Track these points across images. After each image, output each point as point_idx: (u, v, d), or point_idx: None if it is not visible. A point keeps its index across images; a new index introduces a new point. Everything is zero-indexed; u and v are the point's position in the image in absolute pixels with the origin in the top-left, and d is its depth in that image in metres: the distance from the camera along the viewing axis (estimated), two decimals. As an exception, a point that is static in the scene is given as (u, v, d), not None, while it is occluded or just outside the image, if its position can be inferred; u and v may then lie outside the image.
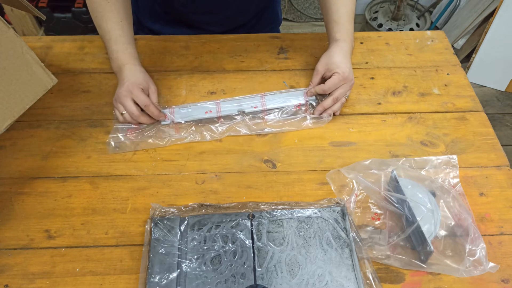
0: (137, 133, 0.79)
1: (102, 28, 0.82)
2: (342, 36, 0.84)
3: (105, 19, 0.81)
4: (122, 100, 0.77)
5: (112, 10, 0.81)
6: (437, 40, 0.99)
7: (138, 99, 0.77)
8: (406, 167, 0.75)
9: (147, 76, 0.82)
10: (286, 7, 2.43)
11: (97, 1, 0.81)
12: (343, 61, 0.81)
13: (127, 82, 0.78)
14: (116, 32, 0.81)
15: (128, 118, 0.78)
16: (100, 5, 0.81)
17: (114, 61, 0.82)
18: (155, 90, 0.81)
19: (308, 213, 0.68)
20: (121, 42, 0.82)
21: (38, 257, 0.65)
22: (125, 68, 0.80)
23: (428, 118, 0.84)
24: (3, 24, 0.62)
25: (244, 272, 0.61)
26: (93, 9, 0.82)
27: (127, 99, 0.77)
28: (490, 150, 0.78)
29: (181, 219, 0.67)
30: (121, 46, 0.82)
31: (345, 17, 0.84)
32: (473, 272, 0.62)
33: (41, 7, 1.99)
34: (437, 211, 0.66)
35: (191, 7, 0.97)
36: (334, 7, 0.84)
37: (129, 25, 0.84)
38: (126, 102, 0.77)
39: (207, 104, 0.83)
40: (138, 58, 0.84)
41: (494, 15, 1.91)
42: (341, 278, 0.61)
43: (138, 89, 0.77)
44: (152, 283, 0.60)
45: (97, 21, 0.83)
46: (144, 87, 0.79)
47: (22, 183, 0.73)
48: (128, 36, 0.83)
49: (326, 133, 0.81)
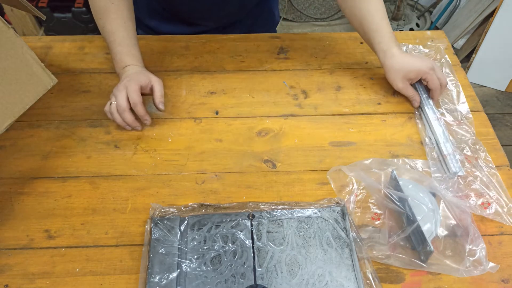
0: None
1: (106, 30, 0.82)
2: (390, 43, 0.82)
3: (109, 21, 0.81)
4: (116, 92, 0.77)
5: (116, 11, 0.81)
6: (437, 40, 0.99)
7: (130, 95, 0.76)
8: (406, 167, 0.75)
9: (150, 75, 0.81)
10: (286, 7, 2.43)
11: (101, 2, 0.81)
12: (410, 60, 0.82)
13: (127, 78, 0.78)
14: (120, 34, 0.81)
15: (113, 110, 0.77)
16: (104, 7, 0.81)
17: (117, 62, 0.82)
18: (160, 89, 0.80)
19: (308, 213, 0.68)
20: (125, 44, 0.82)
21: (38, 257, 0.65)
22: (128, 69, 0.81)
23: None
24: (3, 24, 0.62)
25: (244, 272, 0.61)
26: (96, 10, 0.82)
27: (121, 92, 0.77)
28: (490, 150, 0.78)
29: (181, 219, 0.67)
30: (125, 48, 0.82)
31: (383, 23, 0.83)
32: (473, 272, 0.62)
33: (41, 7, 1.99)
34: (437, 211, 0.66)
35: (191, 3, 0.97)
36: (369, 16, 0.83)
37: (133, 27, 0.84)
38: (119, 94, 0.77)
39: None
40: (141, 59, 0.84)
41: (494, 15, 1.91)
42: (341, 278, 0.61)
43: (134, 86, 0.77)
44: (152, 283, 0.60)
45: (100, 23, 0.83)
46: (144, 84, 0.79)
47: (22, 183, 0.73)
48: (132, 37, 0.83)
49: (326, 133, 0.81)
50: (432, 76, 0.81)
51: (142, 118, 0.79)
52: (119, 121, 0.78)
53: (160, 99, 0.79)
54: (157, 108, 0.80)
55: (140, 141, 0.79)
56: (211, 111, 0.85)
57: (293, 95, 0.88)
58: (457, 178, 0.73)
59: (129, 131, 0.80)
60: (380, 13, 0.83)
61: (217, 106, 0.86)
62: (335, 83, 0.91)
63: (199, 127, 0.82)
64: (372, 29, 0.83)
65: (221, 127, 0.82)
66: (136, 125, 0.79)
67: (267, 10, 1.10)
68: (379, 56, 0.85)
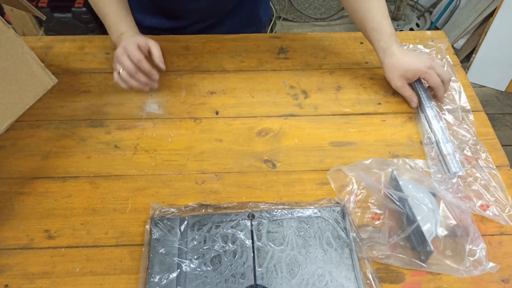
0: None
1: (98, 7, 0.83)
2: (390, 41, 0.82)
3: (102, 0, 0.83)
4: (119, 58, 0.78)
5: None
6: (438, 40, 0.99)
7: (131, 54, 0.77)
8: (406, 167, 0.75)
9: (146, 38, 0.81)
10: (286, 7, 2.43)
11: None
12: (408, 59, 0.81)
13: (124, 41, 0.79)
14: (112, 7, 0.83)
15: (125, 76, 0.79)
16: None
17: (113, 32, 0.83)
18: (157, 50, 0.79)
19: (308, 213, 0.68)
20: (118, 14, 0.83)
21: (38, 257, 0.65)
22: (124, 36, 0.81)
23: (428, 118, 0.84)
24: (3, 24, 0.62)
25: (244, 272, 0.61)
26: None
27: (123, 56, 0.78)
28: (490, 150, 0.78)
29: (181, 219, 0.67)
30: (119, 17, 0.83)
31: (384, 22, 0.83)
32: (473, 272, 0.62)
33: (41, 7, 1.98)
34: (437, 211, 0.66)
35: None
36: (370, 15, 0.83)
37: (125, 2, 0.85)
38: (122, 59, 0.77)
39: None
40: (136, 28, 0.85)
41: (494, 15, 1.91)
42: (341, 278, 0.61)
43: (132, 46, 0.78)
44: (152, 283, 0.60)
45: (93, 2, 0.84)
46: (141, 44, 0.79)
47: (22, 183, 0.73)
48: (125, 9, 0.84)
49: (326, 133, 0.81)
50: (431, 75, 0.81)
51: (150, 73, 0.80)
52: (135, 84, 0.80)
53: (159, 59, 0.80)
54: (158, 67, 0.80)
55: (140, 141, 0.79)
56: (211, 111, 0.85)
57: (293, 95, 0.88)
58: (457, 178, 0.73)
59: (129, 131, 0.81)
60: (381, 12, 0.83)
61: (217, 106, 0.86)
62: (335, 83, 0.91)
63: (199, 127, 0.82)
64: (373, 28, 0.83)
65: (221, 127, 0.82)
66: (150, 75, 0.80)
67: (251, 11, 1.09)
68: (378, 55, 0.85)
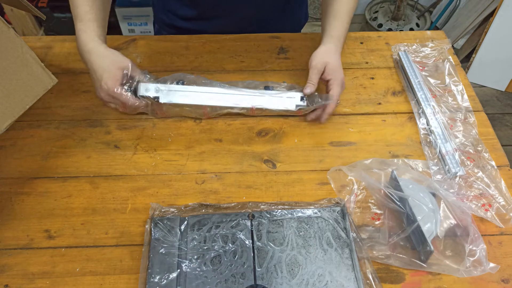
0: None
1: (72, 4, 0.76)
2: (338, 32, 0.83)
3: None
4: (108, 104, 0.79)
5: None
6: (438, 40, 0.99)
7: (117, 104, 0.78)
8: (406, 167, 0.75)
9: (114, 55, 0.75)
10: (286, 7, 2.42)
11: None
12: (339, 64, 0.81)
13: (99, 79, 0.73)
14: (83, 9, 0.75)
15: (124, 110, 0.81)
16: None
17: (77, 40, 0.75)
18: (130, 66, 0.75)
19: (308, 213, 0.68)
20: (86, 19, 0.75)
21: (38, 257, 0.65)
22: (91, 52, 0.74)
23: (428, 118, 0.84)
24: (3, 24, 0.62)
25: (244, 272, 0.61)
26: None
27: (110, 104, 0.78)
28: (490, 150, 0.78)
29: (181, 219, 0.67)
30: (85, 24, 0.75)
31: (344, 15, 0.84)
32: (473, 272, 0.62)
33: (41, 7, 1.99)
34: (437, 211, 0.66)
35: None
36: (336, 4, 0.84)
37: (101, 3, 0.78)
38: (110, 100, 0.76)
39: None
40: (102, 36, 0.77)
41: (494, 15, 1.91)
42: (341, 278, 0.61)
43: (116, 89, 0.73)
44: (152, 283, 0.60)
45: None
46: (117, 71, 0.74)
47: (22, 183, 0.73)
48: (94, 13, 0.76)
49: (326, 133, 0.81)
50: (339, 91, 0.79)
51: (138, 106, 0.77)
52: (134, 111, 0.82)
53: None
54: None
55: (140, 141, 0.79)
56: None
57: (293, 95, 0.88)
58: (458, 178, 0.73)
59: (129, 131, 0.81)
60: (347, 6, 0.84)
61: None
62: (335, 83, 0.91)
63: (199, 127, 0.82)
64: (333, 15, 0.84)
65: (221, 127, 0.82)
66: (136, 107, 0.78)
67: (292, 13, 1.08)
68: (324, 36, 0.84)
